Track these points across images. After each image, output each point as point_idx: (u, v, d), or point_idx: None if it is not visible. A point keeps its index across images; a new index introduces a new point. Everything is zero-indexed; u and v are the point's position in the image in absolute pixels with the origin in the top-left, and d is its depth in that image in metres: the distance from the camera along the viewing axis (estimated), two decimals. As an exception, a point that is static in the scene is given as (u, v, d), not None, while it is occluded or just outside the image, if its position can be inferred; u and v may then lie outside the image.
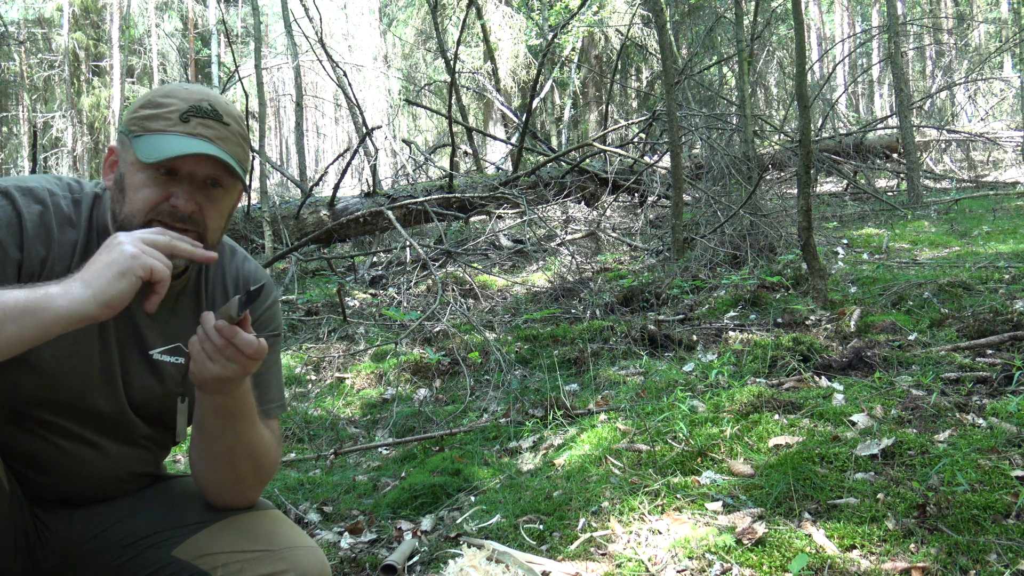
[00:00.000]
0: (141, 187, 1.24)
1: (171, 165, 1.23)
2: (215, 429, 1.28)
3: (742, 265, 5.75)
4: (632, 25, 12.79)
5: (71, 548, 1.33)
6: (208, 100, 1.27)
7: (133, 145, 1.24)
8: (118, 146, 1.30)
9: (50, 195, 1.27)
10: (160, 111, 1.24)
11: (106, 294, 1.06)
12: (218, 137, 1.25)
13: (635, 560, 1.94)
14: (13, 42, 18.83)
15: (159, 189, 1.24)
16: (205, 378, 1.20)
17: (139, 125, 1.25)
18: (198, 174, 1.25)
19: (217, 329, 1.17)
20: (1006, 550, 1.75)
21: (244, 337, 1.17)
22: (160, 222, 1.23)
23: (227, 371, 1.18)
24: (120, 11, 20.46)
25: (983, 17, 23.67)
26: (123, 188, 1.26)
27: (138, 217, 1.23)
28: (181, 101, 1.25)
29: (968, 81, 14.44)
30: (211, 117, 1.25)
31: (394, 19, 20.80)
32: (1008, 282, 4.56)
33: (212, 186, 1.27)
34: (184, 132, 1.23)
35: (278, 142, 30.19)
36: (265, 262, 6.03)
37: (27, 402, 1.25)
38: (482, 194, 7.60)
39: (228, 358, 1.17)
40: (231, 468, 1.32)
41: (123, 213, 1.25)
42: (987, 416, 2.52)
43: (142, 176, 1.24)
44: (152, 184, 1.24)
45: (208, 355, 1.18)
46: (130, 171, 1.25)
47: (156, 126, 1.24)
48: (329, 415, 3.81)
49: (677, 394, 3.08)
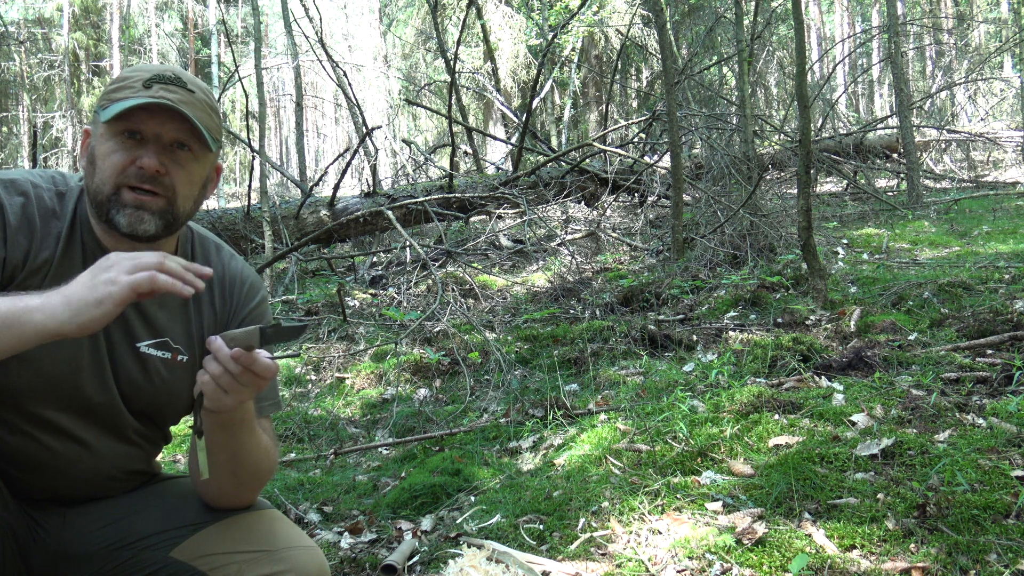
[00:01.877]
0: (109, 154, 1.26)
1: (134, 127, 1.25)
2: (217, 441, 1.27)
3: (742, 265, 5.75)
4: (632, 25, 12.79)
5: (66, 548, 1.32)
6: (173, 71, 1.30)
7: (100, 116, 1.26)
8: (90, 126, 1.33)
9: (33, 187, 1.28)
10: (124, 83, 1.28)
11: (82, 317, 1.06)
12: (181, 101, 1.27)
13: (635, 560, 1.94)
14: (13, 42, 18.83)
15: (126, 153, 1.26)
16: (220, 409, 1.19)
17: (106, 98, 1.28)
18: (164, 136, 1.27)
19: (234, 358, 1.13)
20: (1006, 550, 1.74)
21: (263, 362, 1.14)
22: (128, 187, 1.25)
23: (242, 396, 1.18)
24: (120, 11, 20.47)
25: (983, 17, 23.67)
26: (93, 160, 1.28)
27: (107, 184, 1.25)
28: (146, 72, 1.29)
29: (968, 81, 14.44)
30: (174, 83, 1.28)
31: (394, 19, 20.80)
32: (1008, 282, 4.56)
33: (179, 148, 1.29)
34: (146, 96, 1.25)
35: (278, 142, 30.18)
36: (265, 262, 6.03)
37: (18, 393, 1.25)
38: (482, 194, 7.60)
39: (244, 384, 1.15)
40: (233, 476, 1.32)
41: (94, 184, 1.27)
42: (987, 416, 2.52)
43: (110, 144, 1.26)
44: (119, 149, 1.26)
45: (224, 388, 1.15)
46: (99, 142, 1.28)
47: (120, 95, 1.26)
48: (329, 415, 3.81)
49: (677, 394, 3.08)
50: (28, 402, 1.26)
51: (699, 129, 8.46)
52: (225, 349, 1.14)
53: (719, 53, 13.41)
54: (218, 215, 6.95)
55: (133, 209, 1.25)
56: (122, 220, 1.25)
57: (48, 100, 20.61)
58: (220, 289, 1.44)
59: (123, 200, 1.26)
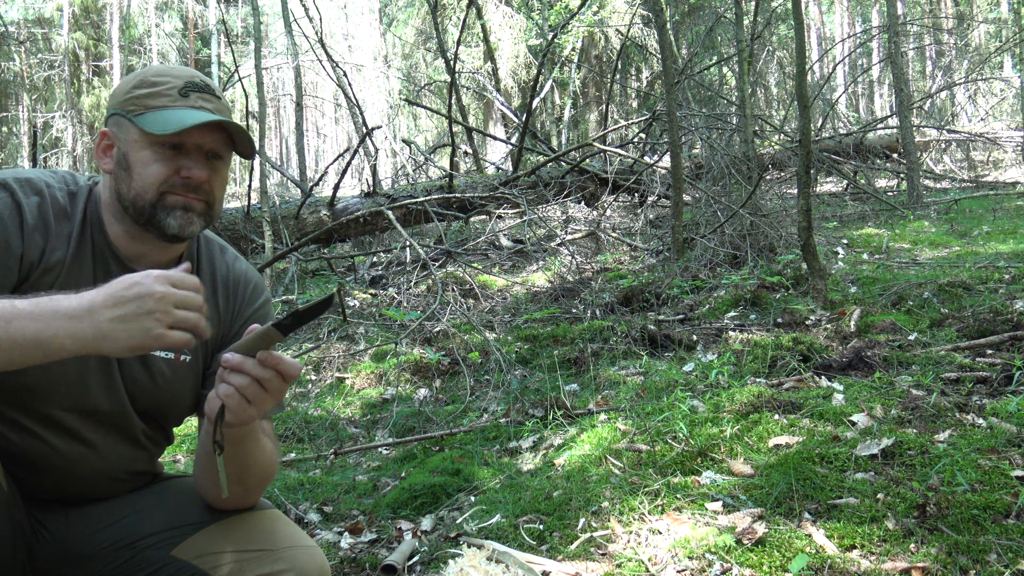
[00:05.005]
0: (150, 162, 1.27)
1: (179, 140, 1.27)
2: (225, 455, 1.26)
3: (742, 265, 5.75)
4: (632, 25, 12.79)
5: (69, 548, 1.33)
6: (200, 77, 1.33)
7: (137, 123, 1.27)
8: (113, 128, 1.32)
9: (47, 187, 1.29)
10: (157, 89, 1.28)
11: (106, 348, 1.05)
12: (216, 109, 1.31)
13: (635, 560, 1.94)
14: (13, 42, 18.83)
15: (169, 163, 1.28)
16: (243, 421, 1.16)
17: (138, 104, 1.28)
18: (204, 146, 1.30)
19: (261, 362, 1.09)
20: (1006, 550, 1.75)
21: (288, 362, 1.11)
22: (173, 193, 1.27)
23: (266, 406, 1.14)
24: (120, 11, 20.47)
25: (983, 17, 23.67)
26: (128, 167, 1.28)
27: (150, 192, 1.27)
28: (175, 78, 1.30)
29: (968, 81, 14.44)
30: (207, 91, 1.31)
31: (394, 19, 20.80)
32: (1008, 282, 4.56)
33: (214, 158, 1.32)
34: (188, 106, 1.28)
35: (278, 142, 30.18)
36: (265, 262, 6.03)
37: (25, 393, 1.25)
38: (482, 194, 7.60)
39: (269, 390, 1.11)
40: (240, 483, 1.32)
41: (133, 190, 1.28)
42: (987, 416, 2.52)
43: (148, 152, 1.27)
44: (161, 159, 1.27)
45: (249, 399, 1.11)
46: (133, 149, 1.28)
47: (157, 103, 1.27)
48: (329, 415, 3.81)
49: (677, 394, 3.08)
50: (35, 402, 1.26)
51: (699, 129, 8.46)
52: (248, 359, 1.09)
53: (719, 53, 13.41)
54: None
55: (183, 211, 1.28)
56: (173, 223, 1.28)
57: (48, 100, 20.60)
58: (224, 290, 1.45)
59: (170, 203, 1.28)
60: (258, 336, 1.09)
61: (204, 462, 1.32)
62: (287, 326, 1.08)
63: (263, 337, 1.09)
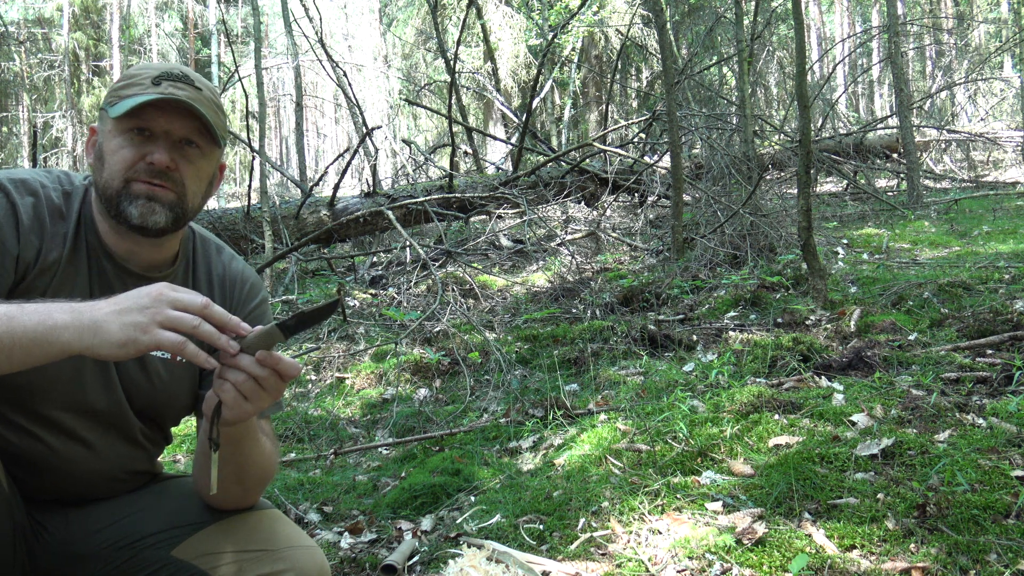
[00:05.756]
0: (118, 149, 1.27)
1: (143, 124, 1.26)
2: (223, 454, 1.25)
3: (742, 265, 5.75)
4: (632, 25, 12.79)
5: (69, 548, 1.33)
6: (180, 69, 1.31)
7: (109, 112, 1.27)
8: (97, 124, 1.34)
9: (42, 187, 1.29)
10: (133, 80, 1.29)
11: (104, 350, 1.05)
12: (190, 97, 1.28)
13: (635, 560, 1.94)
14: (13, 42, 18.83)
15: (135, 149, 1.26)
16: (239, 418, 1.16)
17: (114, 95, 1.29)
18: (173, 132, 1.28)
19: (260, 361, 1.09)
20: (1006, 550, 1.75)
21: (288, 362, 1.10)
22: (137, 180, 1.25)
23: (263, 403, 1.14)
24: (120, 11, 20.47)
25: (983, 17, 23.68)
26: (101, 156, 1.29)
27: (116, 178, 1.26)
28: (153, 71, 1.30)
29: (968, 81, 14.44)
30: (183, 80, 1.29)
31: (394, 19, 20.81)
32: (1008, 282, 4.56)
33: (188, 144, 1.30)
34: (156, 92, 1.26)
35: (278, 142, 30.17)
36: (265, 262, 6.03)
37: (23, 392, 1.25)
38: (482, 194, 7.60)
39: (267, 388, 1.11)
40: (238, 484, 1.32)
41: (103, 179, 1.28)
42: (987, 416, 2.52)
43: (119, 139, 1.27)
44: (128, 144, 1.27)
45: (246, 396, 1.11)
46: (107, 139, 1.29)
47: (130, 92, 1.27)
48: (329, 415, 3.81)
49: (677, 394, 3.08)
50: (33, 402, 1.26)
51: (699, 129, 8.46)
52: (247, 356, 1.10)
53: (719, 53, 13.41)
54: (218, 215, 6.95)
55: (145, 200, 1.26)
56: (134, 211, 1.25)
57: (48, 100, 20.61)
58: (220, 289, 1.44)
59: (134, 191, 1.26)
60: (260, 335, 1.09)
61: (203, 462, 1.32)
62: (290, 327, 1.08)
63: (265, 336, 1.09)
